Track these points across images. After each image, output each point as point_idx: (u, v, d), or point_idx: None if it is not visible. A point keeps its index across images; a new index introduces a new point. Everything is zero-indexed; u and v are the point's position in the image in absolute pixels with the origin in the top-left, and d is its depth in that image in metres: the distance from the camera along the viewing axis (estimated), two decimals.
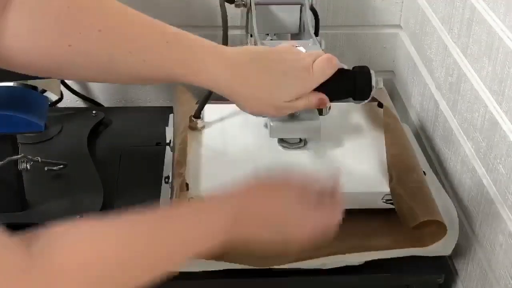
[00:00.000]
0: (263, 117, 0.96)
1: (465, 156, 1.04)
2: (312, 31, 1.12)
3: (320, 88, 0.84)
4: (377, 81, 0.87)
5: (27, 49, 0.68)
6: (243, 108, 0.82)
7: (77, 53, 0.69)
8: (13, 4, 0.65)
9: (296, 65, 0.82)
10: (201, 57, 0.77)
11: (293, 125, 0.98)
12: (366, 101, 0.89)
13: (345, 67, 0.88)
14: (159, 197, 1.05)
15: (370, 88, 0.87)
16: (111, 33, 0.70)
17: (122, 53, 0.71)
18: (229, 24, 1.07)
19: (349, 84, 0.87)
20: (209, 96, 1.05)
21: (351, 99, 0.91)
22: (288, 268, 0.94)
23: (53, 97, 1.32)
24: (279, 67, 0.81)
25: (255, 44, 1.06)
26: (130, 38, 0.71)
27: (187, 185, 0.95)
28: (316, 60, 0.83)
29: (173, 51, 0.75)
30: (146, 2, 1.31)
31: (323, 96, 0.84)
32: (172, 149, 1.06)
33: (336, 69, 0.84)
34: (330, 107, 0.91)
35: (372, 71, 0.87)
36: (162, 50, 0.74)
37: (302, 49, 0.85)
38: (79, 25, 0.68)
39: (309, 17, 1.14)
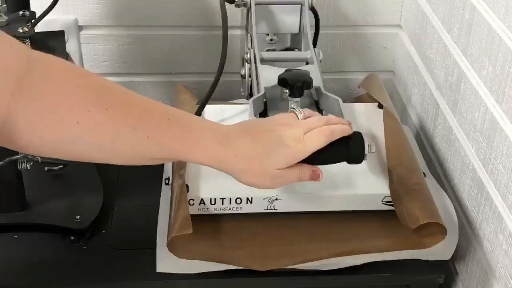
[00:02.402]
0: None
1: (465, 156, 1.04)
2: (310, 39, 1.12)
3: (314, 154, 0.85)
4: (369, 146, 0.89)
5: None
6: (240, 180, 0.84)
7: (84, 130, 0.70)
8: (22, 90, 0.66)
9: (287, 135, 0.84)
10: (198, 134, 0.80)
11: None
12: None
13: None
14: (159, 198, 1.05)
15: (363, 154, 0.89)
16: (117, 111, 0.72)
17: (127, 130, 0.73)
18: (229, 24, 1.07)
19: (342, 151, 0.88)
20: (209, 96, 1.05)
21: None
22: (288, 269, 0.94)
23: None
24: (270, 137, 0.84)
25: (252, 43, 1.06)
26: (135, 116, 0.74)
27: (187, 186, 0.95)
28: (308, 131, 0.85)
29: (173, 128, 0.78)
30: (147, 1, 1.32)
31: (317, 170, 0.86)
32: None
33: (327, 141, 0.85)
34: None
35: (365, 138, 0.89)
36: (163, 127, 0.77)
37: (300, 115, 0.87)
38: (87, 103, 0.70)
39: (308, 20, 1.14)
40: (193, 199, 0.95)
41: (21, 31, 0.96)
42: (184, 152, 0.79)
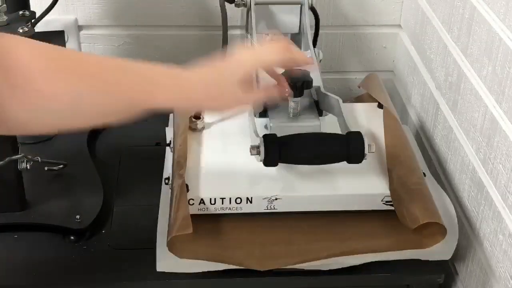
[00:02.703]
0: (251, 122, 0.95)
1: (465, 156, 1.04)
2: (310, 39, 1.12)
3: (314, 152, 0.85)
4: (369, 146, 0.89)
5: None
6: (208, 110, 0.85)
7: (44, 98, 0.71)
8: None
9: (240, 52, 0.86)
10: (155, 79, 0.80)
11: (293, 126, 0.98)
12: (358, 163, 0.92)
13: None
14: (159, 198, 1.05)
15: (363, 153, 0.89)
16: (73, 72, 0.74)
17: (85, 89, 0.74)
18: (229, 24, 1.07)
19: (342, 150, 0.89)
20: None
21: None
22: (288, 269, 0.94)
23: None
24: (223, 62, 0.86)
25: (252, 43, 1.07)
26: (90, 74, 0.75)
27: (187, 186, 0.95)
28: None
29: (129, 78, 0.78)
30: (147, 1, 1.32)
31: (283, 84, 0.86)
32: (172, 150, 1.06)
33: (283, 58, 0.86)
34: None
35: (365, 137, 0.89)
36: (120, 79, 0.77)
37: None
38: (44, 71, 0.72)
39: (307, 20, 1.14)
40: (193, 199, 0.95)
41: (21, 31, 0.96)
42: (146, 99, 0.79)
